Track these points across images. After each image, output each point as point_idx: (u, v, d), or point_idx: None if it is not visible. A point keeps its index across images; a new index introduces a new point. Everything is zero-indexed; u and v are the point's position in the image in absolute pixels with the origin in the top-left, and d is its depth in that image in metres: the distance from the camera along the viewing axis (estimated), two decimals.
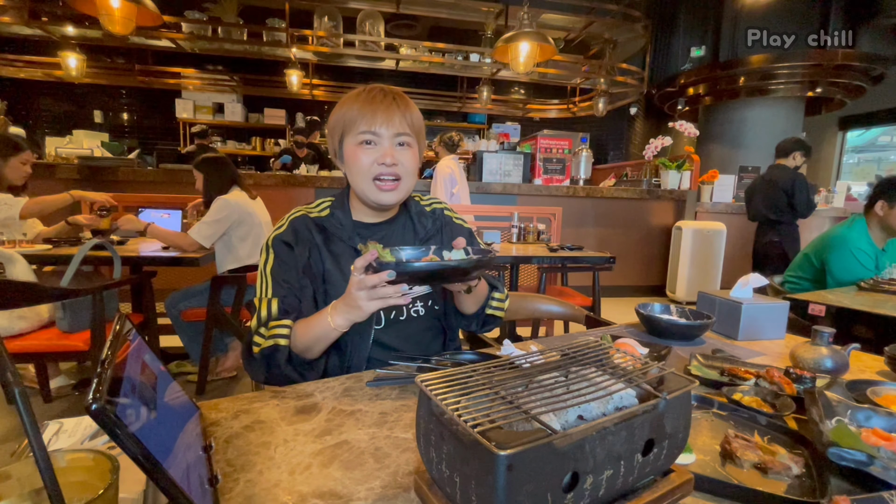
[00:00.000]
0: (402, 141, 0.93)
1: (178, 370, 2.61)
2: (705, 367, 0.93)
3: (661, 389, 0.47)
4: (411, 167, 0.94)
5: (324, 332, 0.84)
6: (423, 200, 1.11)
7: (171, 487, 0.38)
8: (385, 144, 0.92)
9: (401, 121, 0.92)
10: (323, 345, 0.86)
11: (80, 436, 0.62)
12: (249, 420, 0.69)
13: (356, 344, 0.94)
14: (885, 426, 0.65)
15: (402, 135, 0.93)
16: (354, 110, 0.91)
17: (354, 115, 0.91)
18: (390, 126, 0.91)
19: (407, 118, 0.93)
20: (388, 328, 0.97)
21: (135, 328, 0.54)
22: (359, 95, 0.93)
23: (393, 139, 0.92)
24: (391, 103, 0.91)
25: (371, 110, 0.90)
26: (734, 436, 0.64)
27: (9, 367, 0.35)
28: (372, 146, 0.92)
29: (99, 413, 0.34)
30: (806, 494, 0.55)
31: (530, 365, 0.53)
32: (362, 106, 0.91)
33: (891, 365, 0.97)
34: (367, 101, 0.91)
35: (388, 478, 0.56)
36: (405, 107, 0.93)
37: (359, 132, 0.91)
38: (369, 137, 0.91)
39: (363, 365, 0.94)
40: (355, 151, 0.92)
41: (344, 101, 0.94)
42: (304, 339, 0.86)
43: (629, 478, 0.45)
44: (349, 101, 0.93)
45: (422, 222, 1.04)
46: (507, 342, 0.94)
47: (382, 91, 0.93)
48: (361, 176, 0.92)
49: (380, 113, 0.90)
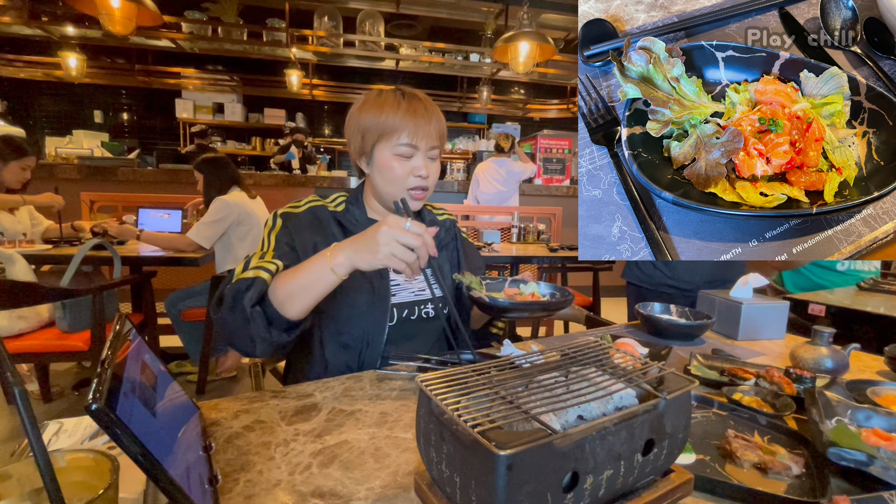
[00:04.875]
0: (433, 155, 0.94)
1: (178, 370, 2.61)
2: (705, 367, 0.93)
3: (661, 389, 0.47)
4: (436, 177, 0.96)
5: (317, 273, 0.75)
6: (434, 210, 1.14)
7: (171, 487, 0.38)
8: (420, 157, 0.92)
9: (436, 134, 0.92)
10: (308, 296, 0.77)
11: (80, 436, 0.62)
12: (249, 420, 0.69)
13: (371, 339, 0.93)
14: (885, 426, 0.65)
15: (435, 148, 0.94)
16: (397, 119, 0.89)
17: (397, 123, 0.89)
18: (429, 140, 0.91)
19: (440, 130, 0.94)
20: (399, 325, 0.97)
21: (135, 328, 0.54)
22: (399, 103, 0.91)
23: (427, 152, 0.93)
24: (431, 116, 0.92)
25: (414, 123, 0.89)
26: (734, 436, 0.64)
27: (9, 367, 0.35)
28: (408, 158, 0.92)
29: (99, 413, 0.34)
30: (806, 494, 0.55)
31: (530, 365, 0.53)
32: (405, 116, 0.89)
33: (891, 365, 0.97)
34: (410, 112, 0.90)
35: (388, 478, 0.56)
36: (439, 118, 0.94)
37: (399, 143, 0.90)
38: (408, 151, 0.91)
39: (377, 359, 0.94)
40: (391, 161, 0.91)
41: (381, 105, 0.91)
42: (288, 284, 0.78)
43: (629, 478, 0.45)
44: (389, 107, 0.90)
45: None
46: (507, 342, 0.94)
47: (420, 101, 0.93)
48: (395, 185, 0.92)
49: (422, 127, 0.90)
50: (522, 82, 7.33)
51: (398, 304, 0.98)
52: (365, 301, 0.94)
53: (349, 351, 0.94)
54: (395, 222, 0.70)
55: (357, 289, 0.94)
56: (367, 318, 0.94)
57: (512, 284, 1.00)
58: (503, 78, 6.46)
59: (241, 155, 6.37)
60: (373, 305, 0.94)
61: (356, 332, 0.93)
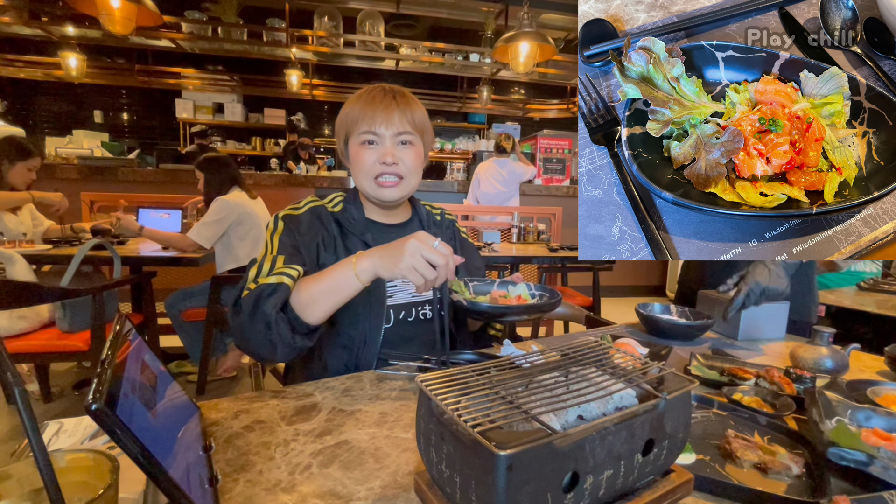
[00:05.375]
0: (403, 140, 0.94)
1: (178, 370, 2.61)
2: (705, 367, 0.93)
3: (661, 389, 0.47)
4: (413, 165, 0.95)
5: (341, 278, 0.78)
6: (433, 210, 1.13)
7: (171, 487, 0.38)
8: (386, 144, 0.93)
9: (401, 119, 0.92)
10: (331, 301, 0.80)
11: (80, 436, 0.62)
12: (249, 420, 0.69)
13: (367, 339, 0.93)
14: (885, 426, 0.65)
15: (404, 133, 0.93)
16: (356, 110, 0.93)
17: (356, 115, 0.93)
18: (390, 125, 0.92)
19: (408, 116, 0.93)
20: (396, 327, 0.97)
21: (135, 328, 0.54)
22: (361, 96, 0.94)
23: (394, 138, 0.93)
24: (391, 102, 0.92)
25: (371, 110, 0.91)
26: (734, 436, 0.64)
27: (9, 367, 0.35)
28: (374, 146, 0.93)
29: (99, 413, 0.34)
30: (806, 494, 0.55)
31: (530, 365, 0.53)
32: (363, 106, 0.92)
33: (891, 365, 0.97)
34: (368, 102, 0.92)
35: (388, 478, 0.56)
36: (405, 105, 0.94)
37: (360, 132, 0.92)
38: (370, 137, 0.93)
39: (373, 360, 0.94)
40: (358, 151, 0.94)
41: (348, 102, 0.96)
42: (310, 289, 0.80)
43: (629, 478, 0.45)
44: (352, 102, 0.95)
45: (432, 231, 1.05)
46: (508, 342, 0.94)
47: (383, 90, 0.94)
48: (363, 175, 0.94)
49: (379, 112, 0.91)
50: (522, 82, 7.33)
51: (395, 306, 0.98)
52: (361, 302, 0.94)
53: (346, 351, 0.94)
54: (425, 238, 0.73)
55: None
56: (363, 319, 0.93)
57: (500, 286, 0.98)
58: (503, 78, 6.46)
59: (241, 155, 6.37)
60: (369, 306, 0.94)
61: (352, 332, 0.93)
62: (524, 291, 0.96)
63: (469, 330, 1.09)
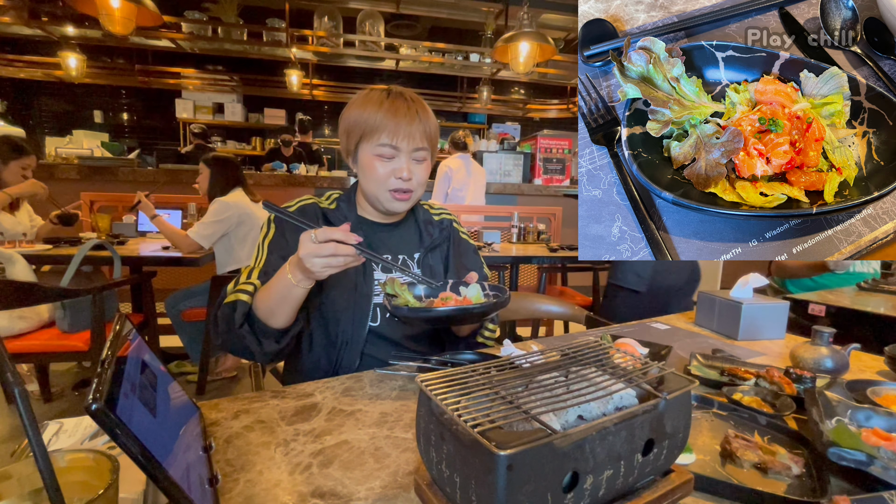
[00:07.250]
0: (418, 156, 0.93)
1: (178, 370, 2.61)
2: (705, 367, 0.93)
3: (661, 389, 0.47)
4: (423, 179, 0.95)
5: (285, 288, 0.79)
6: (432, 209, 1.12)
7: (171, 487, 0.38)
8: (403, 158, 0.91)
9: (421, 135, 0.91)
10: (287, 308, 0.81)
11: (80, 436, 0.62)
12: (249, 420, 0.69)
13: (351, 338, 0.94)
14: (885, 426, 0.65)
15: (420, 149, 0.92)
16: (378, 118, 0.89)
17: (377, 122, 0.89)
18: (411, 141, 0.90)
19: (427, 131, 0.92)
20: (382, 326, 0.97)
21: (135, 328, 0.54)
22: (382, 102, 0.91)
23: (411, 153, 0.92)
24: (414, 116, 0.90)
25: (395, 122, 0.89)
26: (734, 436, 0.64)
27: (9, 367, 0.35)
28: (391, 160, 0.91)
29: (99, 413, 0.34)
30: (806, 494, 0.55)
31: (530, 365, 0.53)
32: (386, 115, 0.89)
33: (891, 365, 0.97)
34: (391, 111, 0.89)
35: (388, 478, 0.56)
36: (426, 118, 0.92)
37: (379, 143, 0.90)
38: (389, 152, 0.90)
39: (356, 359, 0.94)
40: (372, 161, 0.91)
41: (365, 103, 0.92)
42: (266, 301, 0.82)
43: (629, 478, 0.45)
44: (372, 106, 0.90)
45: (428, 230, 1.05)
46: (507, 342, 0.94)
47: (405, 100, 0.92)
48: (376, 185, 0.93)
49: (403, 126, 0.89)
50: (522, 82, 7.33)
51: (382, 305, 0.97)
52: (346, 299, 0.94)
53: (332, 349, 0.94)
54: (306, 244, 0.72)
55: (341, 287, 0.94)
56: (347, 317, 0.93)
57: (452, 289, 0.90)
58: (503, 78, 6.46)
59: (241, 155, 6.36)
60: (354, 304, 0.94)
61: (338, 330, 0.93)
62: (476, 293, 0.89)
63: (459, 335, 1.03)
